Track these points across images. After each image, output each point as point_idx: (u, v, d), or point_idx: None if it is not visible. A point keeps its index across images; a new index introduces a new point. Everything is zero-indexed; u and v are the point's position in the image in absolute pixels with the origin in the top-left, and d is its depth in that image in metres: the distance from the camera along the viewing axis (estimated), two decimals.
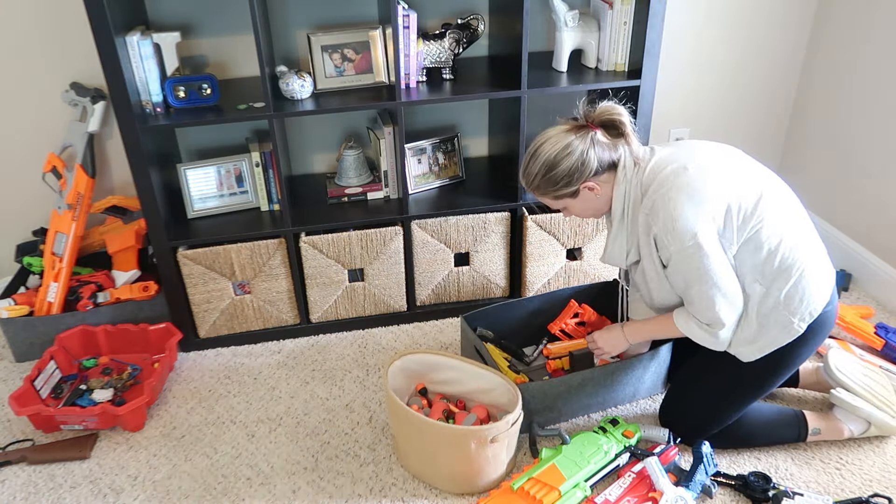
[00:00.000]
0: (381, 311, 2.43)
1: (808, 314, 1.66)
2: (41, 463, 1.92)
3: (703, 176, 1.61)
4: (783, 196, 1.67)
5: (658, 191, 1.62)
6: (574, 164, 1.65)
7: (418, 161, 2.41)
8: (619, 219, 1.73)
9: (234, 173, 2.29)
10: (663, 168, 1.65)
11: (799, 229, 1.66)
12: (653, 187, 1.64)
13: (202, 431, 2.03)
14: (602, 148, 1.66)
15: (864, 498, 1.74)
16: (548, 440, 1.95)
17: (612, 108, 1.66)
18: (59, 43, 2.22)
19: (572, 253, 2.48)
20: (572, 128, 1.68)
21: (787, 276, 1.63)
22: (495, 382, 1.88)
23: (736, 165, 1.68)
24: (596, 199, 1.72)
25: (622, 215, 1.72)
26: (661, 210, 1.60)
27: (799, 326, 1.66)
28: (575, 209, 1.76)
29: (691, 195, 1.59)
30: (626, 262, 1.78)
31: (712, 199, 1.59)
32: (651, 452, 1.79)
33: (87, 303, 2.26)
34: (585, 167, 1.65)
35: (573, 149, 1.64)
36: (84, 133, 2.25)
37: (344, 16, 2.30)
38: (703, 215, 1.58)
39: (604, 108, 1.67)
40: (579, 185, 1.68)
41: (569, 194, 1.70)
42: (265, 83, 2.00)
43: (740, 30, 2.66)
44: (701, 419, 1.84)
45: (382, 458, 1.92)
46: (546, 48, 2.49)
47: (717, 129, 2.84)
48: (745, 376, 1.75)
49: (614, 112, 1.66)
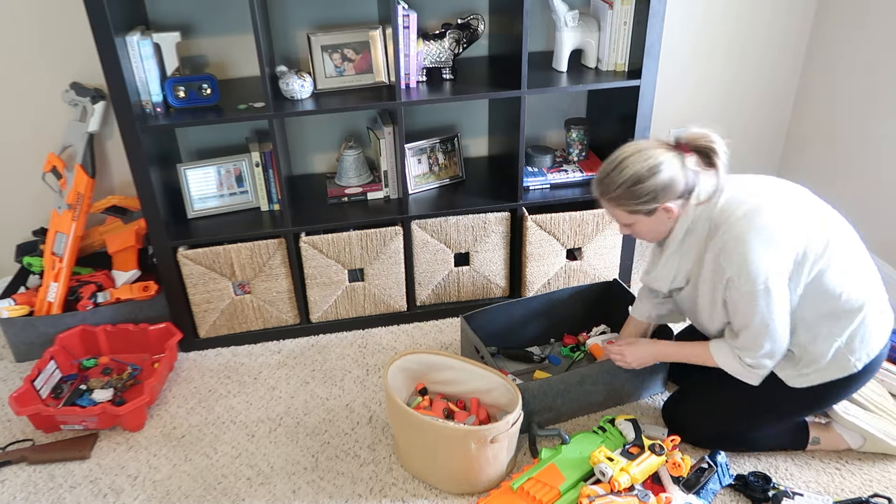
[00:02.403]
0: (381, 311, 2.43)
1: (865, 354, 1.66)
2: (41, 463, 1.92)
3: (776, 220, 1.59)
4: (849, 239, 1.67)
5: (730, 231, 1.59)
6: (662, 184, 1.60)
7: (418, 161, 2.41)
8: (675, 246, 1.70)
9: (234, 173, 2.29)
10: (736, 208, 1.61)
11: (863, 272, 1.67)
12: (724, 227, 1.60)
13: (202, 431, 2.03)
14: (691, 174, 1.62)
15: (864, 498, 1.74)
16: (548, 440, 1.95)
17: (708, 135, 1.60)
18: (59, 43, 2.22)
19: (572, 253, 2.48)
20: (663, 145, 1.64)
21: (850, 318, 1.64)
22: (495, 382, 1.88)
23: (806, 208, 1.65)
24: (667, 223, 1.68)
25: (679, 244, 1.69)
26: (735, 253, 1.57)
27: (855, 366, 1.66)
28: (642, 227, 1.71)
29: (766, 240, 1.56)
30: (669, 287, 1.77)
31: (785, 243, 1.58)
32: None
33: (87, 303, 2.26)
34: (671, 189, 1.61)
35: (664, 168, 1.59)
36: (84, 133, 2.25)
37: (344, 16, 2.30)
38: (775, 260, 1.56)
39: (700, 133, 1.60)
40: (659, 205, 1.63)
41: (645, 212, 1.65)
42: (265, 83, 2.00)
43: (740, 30, 2.66)
44: (717, 428, 1.84)
45: (382, 458, 1.92)
46: (546, 48, 2.49)
47: (718, 129, 2.83)
48: (781, 400, 1.74)
49: (710, 140, 1.59)
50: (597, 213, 2.37)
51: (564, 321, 2.30)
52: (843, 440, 1.86)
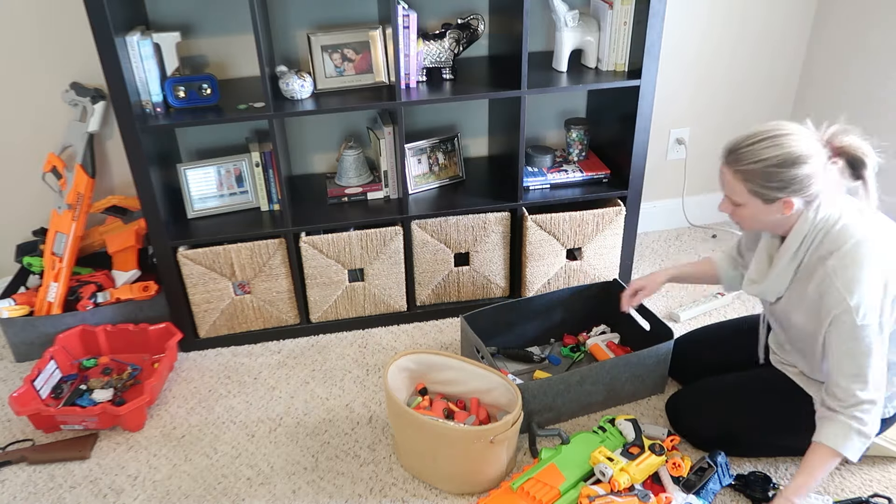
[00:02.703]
0: (381, 311, 2.43)
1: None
2: (41, 463, 1.92)
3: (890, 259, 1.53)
4: None
5: (847, 257, 1.51)
6: (801, 177, 1.49)
7: (418, 161, 2.41)
8: (790, 257, 1.60)
9: (234, 173, 2.29)
10: (849, 238, 1.53)
11: None
12: (837, 254, 1.52)
13: (202, 431, 2.03)
14: (832, 180, 1.52)
15: (864, 498, 1.74)
16: (547, 440, 1.95)
17: (863, 147, 1.51)
18: (59, 43, 2.22)
19: (572, 253, 2.48)
20: (815, 138, 1.52)
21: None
22: (495, 382, 1.88)
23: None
24: (777, 217, 1.57)
25: (794, 255, 1.60)
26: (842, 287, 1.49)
27: (888, 412, 1.64)
28: (749, 212, 1.59)
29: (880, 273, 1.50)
30: (777, 297, 1.67)
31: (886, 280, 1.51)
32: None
33: (87, 303, 2.26)
34: (805, 187, 1.50)
35: (812, 162, 1.48)
36: (84, 133, 2.25)
37: (344, 16, 2.30)
38: (883, 297, 1.50)
39: (857, 143, 1.51)
40: (784, 197, 1.52)
41: (766, 198, 1.53)
42: (265, 83, 2.00)
43: (741, 30, 2.66)
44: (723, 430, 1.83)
45: (382, 458, 1.92)
46: (546, 48, 2.49)
47: (718, 129, 2.84)
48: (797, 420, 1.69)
49: (864, 152, 1.50)
50: (597, 213, 2.37)
51: (564, 321, 2.30)
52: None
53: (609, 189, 2.40)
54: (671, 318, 2.46)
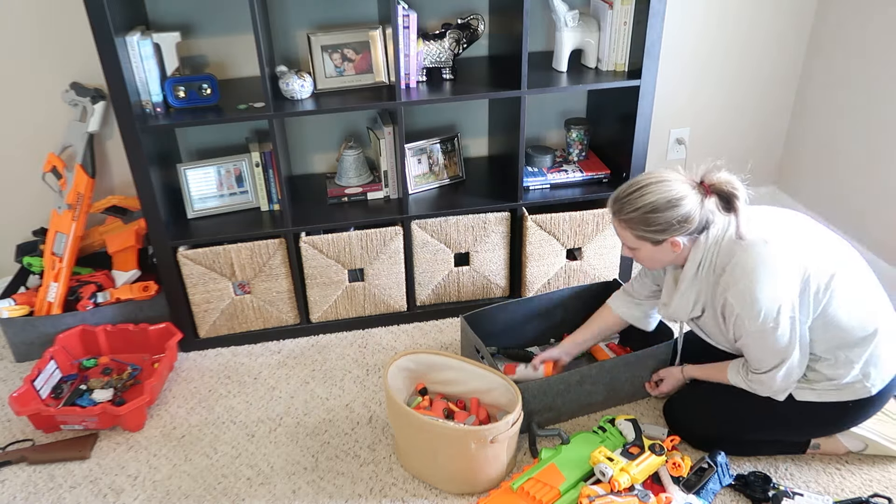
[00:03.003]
0: (381, 311, 2.43)
1: (880, 380, 1.67)
2: (41, 463, 1.92)
3: (781, 253, 1.60)
4: (856, 268, 1.68)
5: (738, 266, 1.60)
6: (677, 218, 1.60)
7: (418, 161, 2.41)
8: (689, 280, 1.70)
9: (234, 173, 2.29)
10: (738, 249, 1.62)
11: (872, 301, 1.67)
12: (732, 262, 1.61)
13: (202, 431, 2.03)
14: (707, 215, 1.63)
15: (864, 498, 1.74)
16: (547, 440, 1.95)
17: (732, 182, 1.60)
18: (59, 43, 2.22)
19: (572, 253, 2.48)
20: (687, 181, 1.63)
21: (863, 347, 1.65)
22: (495, 382, 1.88)
23: (810, 240, 1.66)
24: (671, 255, 1.69)
25: (693, 277, 1.70)
26: (744, 291, 1.59)
27: (870, 390, 1.67)
28: (645, 255, 1.72)
29: (772, 274, 1.58)
30: (688, 317, 1.78)
31: (790, 277, 1.58)
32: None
33: (87, 303, 2.26)
34: (684, 225, 1.61)
35: (684, 204, 1.60)
36: (84, 133, 2.25)
37: (344, 16, 2.30)
38: (781, 294, 1.57)
39: (725, 179, 1.60)
40: (668, 238, 1.64)
41: (652, 241, 1.66)
42: (265, 83, 2.00)
43: (740, 30, 2.66)
44: (718, 430, 1.85)
45: (382, 458, 1.92)
46: (546, 48, 2.49)
47: (718, 129, 2.84)
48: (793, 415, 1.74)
49: (733, 187, 1.59)
50: (597, 213, 2.37)
51: (564, 321, 2.29)
52: (843, 445, 1.86)
53: (609, 189, 2.40)
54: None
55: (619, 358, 1.99)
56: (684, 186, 1.62)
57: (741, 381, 1.75)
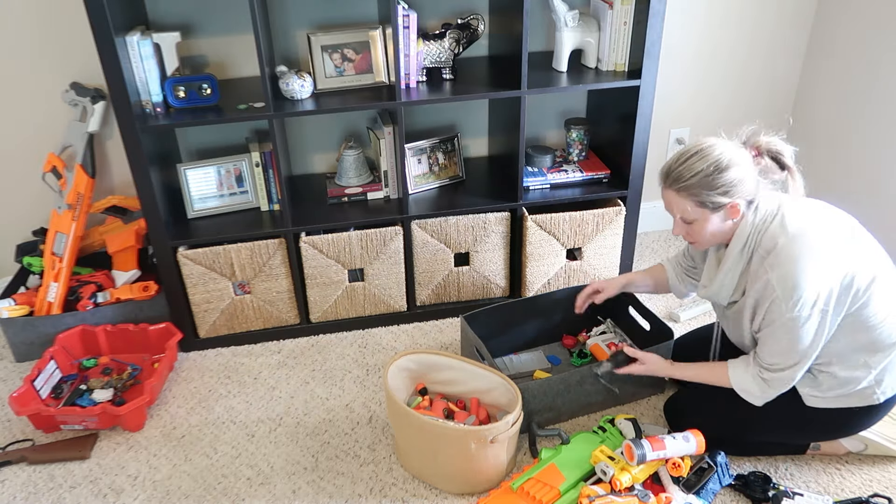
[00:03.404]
0: (381, 311, 2.43)
1: (890, 388, 1.67)
2: (41, 463, 1.92)
3: (827, 246, 1.58)
4: (893, 273, 1.66)
5: (784, 250, 1.57)
6: (739, 178, 1.57)
7: (418, 161, 2.41)
8: (734, 258, 1.66)
9: (234, 173, 2.29)
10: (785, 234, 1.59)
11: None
12: (778, 246, 1.58)
13: (202, 431, 2.03)
14: (764, 178, 1.61)
15: (864, 498, 1.74)
16: (547, 440, 1.95)
17: (775, 142, 1.61)
18: (59, 43, 2.22)
19: (572, 253, 2.48)
20: (734, 143, 1.62)
21: (884, 353, 1.64)
22: (495, 382, 1.88)
23: (857, 240, 1.64)
24: (728, 224, 1.64)
25: (739, 256, 1.65)
26: (785, 276, 1.55)
27: (878, 398, 1.67)
28: (701, 226, 1.65)
29: (816, 263, 1.55)
30: (729, 300, 1.73)
31: (833, 270, 1.56)
32: None
33: (87, 303, 2.26)
34: (744, 186, 1.58)
35: (742, 163, 1.58)
36: (84, 133, 2.25)
37: (344, 16, 2.30)
38: (821, 286, 1.55)
39: (770, 138, 1.61)
40: (729, 202, 1.59)
41: (714, 206, 1.60)
42: (265, 83, 2.00)
43: (741, 30, 2.66)
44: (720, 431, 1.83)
45: (382, 458, 1.92)
46: (546, 48, 2.49)
47: (718, 129, 2.83)
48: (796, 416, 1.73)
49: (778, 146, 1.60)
50: (597, 213, 2.37)
51: (564, 321, 2.29)
52: (844, 446, 1.86)
53: (609, 189, 2.40)
54: (671, 318, 2.46)
55: None
56: (736, 148, 1.61)
57: (749, 378, 1.69)
